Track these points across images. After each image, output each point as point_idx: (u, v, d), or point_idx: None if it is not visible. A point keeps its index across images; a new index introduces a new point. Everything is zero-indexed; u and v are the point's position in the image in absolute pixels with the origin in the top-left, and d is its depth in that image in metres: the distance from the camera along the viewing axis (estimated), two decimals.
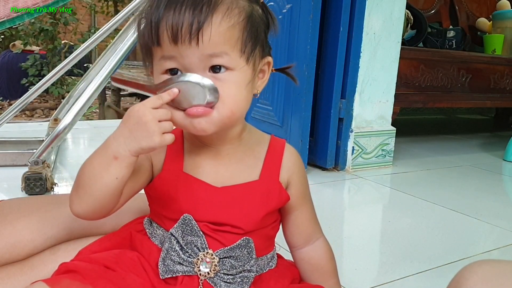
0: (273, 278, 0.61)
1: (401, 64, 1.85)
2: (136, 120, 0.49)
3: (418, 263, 1.01)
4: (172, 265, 0.55)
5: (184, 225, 0.56)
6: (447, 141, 2.66)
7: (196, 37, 0.49)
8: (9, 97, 5.65)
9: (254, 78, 0.56)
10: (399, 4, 1.75)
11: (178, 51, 0.50)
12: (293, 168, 0.62)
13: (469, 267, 0.52)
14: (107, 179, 0.51)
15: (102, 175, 0.51)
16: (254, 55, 0.54)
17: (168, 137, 0.50)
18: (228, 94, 0.52)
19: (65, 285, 0.51)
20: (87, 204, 0.53)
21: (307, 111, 1.63)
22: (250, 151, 0.61)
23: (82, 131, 2.28)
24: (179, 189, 0.57)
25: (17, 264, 0.69)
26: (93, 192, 0.52)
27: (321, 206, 1.35)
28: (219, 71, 0.52)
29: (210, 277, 0.55)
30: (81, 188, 0.53)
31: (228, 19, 0.51)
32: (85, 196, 0.53)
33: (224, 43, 0.51)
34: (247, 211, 0.57)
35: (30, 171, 1.24)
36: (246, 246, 0.56)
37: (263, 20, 0.56)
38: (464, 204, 1.45)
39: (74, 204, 0.54)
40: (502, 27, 2.70)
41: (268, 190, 0.59)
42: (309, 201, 0.66)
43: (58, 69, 1.66)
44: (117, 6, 6.44)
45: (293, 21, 1.64)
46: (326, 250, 0.67)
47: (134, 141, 0.50)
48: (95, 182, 0.52)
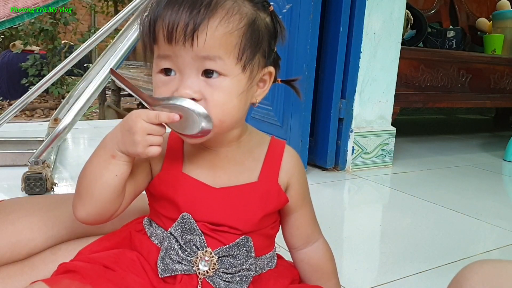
0: (272, 278, 0.61)
1: (401, 64, 1.85)
2: (128, 128, 0.51)
3: (418, 263, 1.01)
4: (171, 264, 0.55)
5: (183, 224, 0.56)
6: (447, 141, 2.66)
7: (190, 38, 0.49)
8: (9, 97, 5.65)
9: (250, 88, 0.55)
10: (399, 4, 1.75)
11: (173, 51, 0.50)
12: (293, 170, 0.62)
13: (470, 267, 0.52)
14: (107, 177, 0.53)
15: (102, 173, 0.53)
16: (253, 64, 0.53)
17: (153, 150, 0.51)
18: (217, 102, 0.51)
19: (64, 285, 0.51)
20: (90, 206, 0.54)
21: (307, 111, 1.63)
22: (249, 153, 0.60)
23: (82, 131, 2.28)
24: (178, 189, 0.57)
25: (17, 263, 0.69)
26: (94, 192, 0.53)
27: (321, 206, 1.35)
28: (211, 76, 0.51)
29: (209, 276, 0.55)
30: (83, 190, 0.54)
31: (226, 24, 0.50)
32: (87, 197, 0.54)
33: (219, 48, 0.50)
34: (245, 213, 0.57)
35: (30, 171, 1.24)
36: (245, 245, 0.56)
37: (269, 29, 0.55)
38: (464, 204, 1.45)
39: (78, 209, 0.55)
40: (502, 27, 2.70)
41: (266, 191, 0.59)
42: (309, 202, 0.66)
43: (58, 69, 1.66)
44: (117, 6, 6.44)
45: (293, 21, 1.64)
46: (326, 251, 0.67)
47: (123, 146, 0.52)
48: (95, 182, 0.53)
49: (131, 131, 0.51)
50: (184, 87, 0.51)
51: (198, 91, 0.51)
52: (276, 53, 0.59)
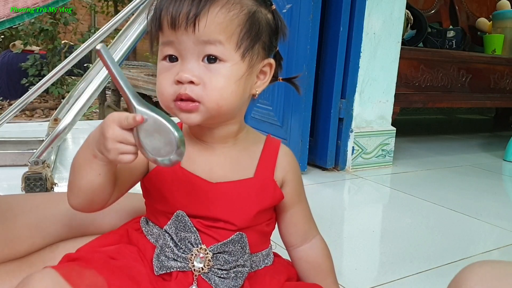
0: (268, 274, 0.61)
1: (401, 64, 1.85)
2: (102, 131, 0.49)
3: (418, 263, 1.01)
4: (166, 261, 0.56)
5: (177, 222, 0.56)
6: (447, 141, 2.66)
7: (192, 23, 0.51)
8: (9, 97, 5.65)
9: (249, 77, 0.56)
10: (399, 4, 1.75)
11: (176, 36, 0.53)
12: (288, 167, 0.63)
13: (470, 267, 0.52)
14: (91, 176, 0.53)
15: (87, 171, 0.53)
16: (252, 54, 0.55)
17: (124, 158, 0.49)
18: (215, 86, 0.53)
19: (74, 271, 0.51)
20: (79, 197, 0.55)
21: (307, 111, 1.63)
22: (245, 151, 0.61)
23: (82, 131, 2.28)
24: (175, 183, 0.57)
25: (16, 261, 0.69)
26: (81, 186, 0.54)
27: (321, 206, 1.35)
28: (213, 62, 0.53)
29: (204, 273, 0.56)
30: (71, 182, 0.55)
31: (227, 12, 0.52)
32: (76, 190, 0.54)
33: (220, 33, 0.52)
34: (240, 208, 0.58)
35: (30, 171, 1.24)
36: (239, 241, 0.57)
37: (270, 24, 0.58)
38: (464, 204, 1.45)
39: (69, 198, 0.56)
40: (502, 27, 2.70)
41: (262, 187, 0.60)
42: (304, 200, 0.67)
43: (58, 69, 1.66)
44: (117, 6, 6.45)
45: (293, 21, 1.64)
46: (323, 249, 0.68)
47: (99, 148, 0.51)
48: (81, 178, 0.53)
49: (104, 136, 0.49)
50: (184, 71, 0.52)
51: (197, 76, 0.52)
52: (278, 52, 0.61)
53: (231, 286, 0.56)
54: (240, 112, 0.59)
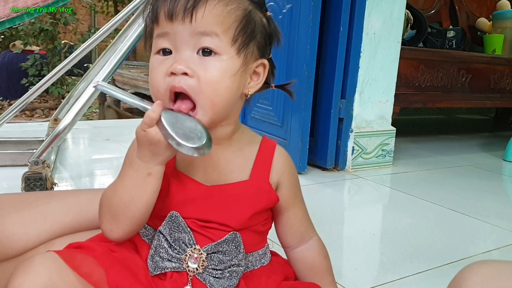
0: (264, 273, 0.61)
1: (401, 64, 1.85)
2: (149, 143, 0.52)
3: (418, 263, 1.01)
4: (160, 261, 0.56)
5: (171, 222, 0.56)
6: (447, 141, 2.66)
7: (189, 14, 0.51)
8: (9, 97, 5.65)
9: (243, 73, 0.55)
10: (399, 4, 1.75)
11: (172, 27, 0.52)
12: (283, 169, 0.62)
13: (470, 267, 0.52)
14: (147, 196, 0.54)
15: (141, 194, 0.54)
16: (247, 50, 0.55)
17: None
18: (209, 80, 0.52)
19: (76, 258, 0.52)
20: (128, 226, 0.56)
21: (307, 111, 1.64)
22: (240, 152, 0.61)
23: (82, 131, 2.28)
24: (170, 185, 0.57)
25: (11, 260, 0.68)
26: (134, 213, 0.55)
27: (321, 206, 1.35)
28: (208, 55, 0.52)
29: (199, 273, 0.56)
30: (119, 214, 0.55)
31: (224, 5, 0.53)
32: (125, 219, 0.55)
33: (217, 24, 0.52)
34: (235, 210, 0.57)
35: (30, 171, 1.24)
36: (233, 240, 0.57)
37: (265, 27, 0.58)
38: (464, 204, 1.45)
39: (113, 232, 0.56)
40: (502, 27, 2.70)
41: (257, 190, 0.59)
42: (301, 201, 0.67)
43: (58, 69, 1.66)
44: (117, 6, 6.45)
45: (293, 21, 1.64)
46: (320, 249, 0.67)
47: (159, 156, 0.53)
48: (136, 204, 0.54)
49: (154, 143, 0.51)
50: (178, 62, 0.52)
51: (191, 68, 0.51)
52: (271, 59, 0.60)
53: (226, 286, 0.56)
54: (234, 112, 0.58)
